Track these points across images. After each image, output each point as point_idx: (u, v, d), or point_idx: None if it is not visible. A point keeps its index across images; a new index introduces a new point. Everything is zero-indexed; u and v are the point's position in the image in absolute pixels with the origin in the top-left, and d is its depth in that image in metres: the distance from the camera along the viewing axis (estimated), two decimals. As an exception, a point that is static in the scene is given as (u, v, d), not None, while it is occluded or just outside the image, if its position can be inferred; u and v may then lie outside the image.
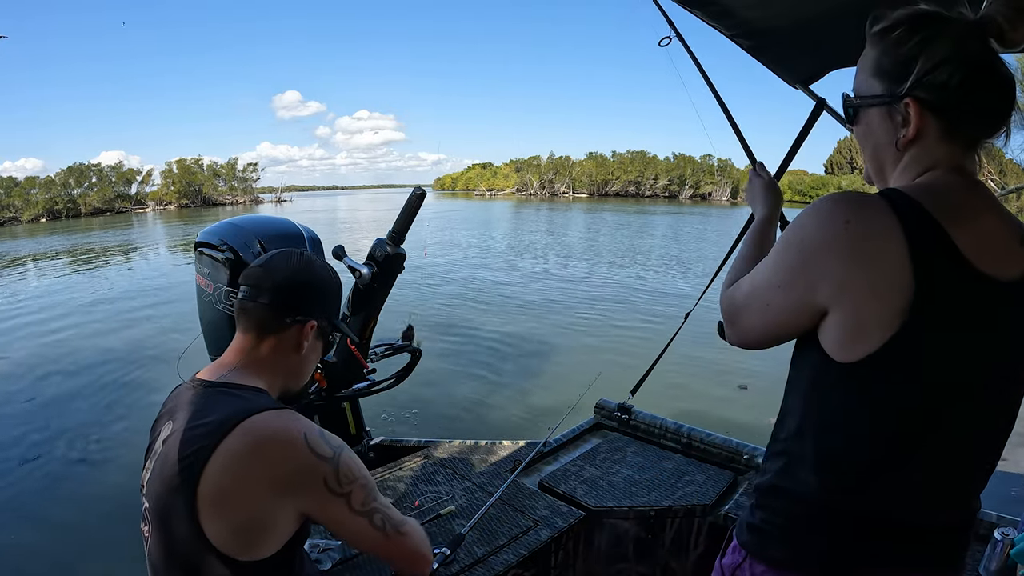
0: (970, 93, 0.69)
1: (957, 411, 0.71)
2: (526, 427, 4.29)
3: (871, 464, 0.73)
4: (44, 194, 49.42)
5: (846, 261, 0.68)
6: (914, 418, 0.71)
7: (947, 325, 0.67)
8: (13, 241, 25.81)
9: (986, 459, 0.78)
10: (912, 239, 0.66)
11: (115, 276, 13.22)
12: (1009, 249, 0.71)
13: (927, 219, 0.67)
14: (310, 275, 1.02)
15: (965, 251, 0.67)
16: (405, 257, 1.61)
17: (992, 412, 0.75)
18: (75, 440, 4.41)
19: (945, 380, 0.70)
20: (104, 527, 3.17)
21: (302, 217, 11.08)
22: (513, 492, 1.68)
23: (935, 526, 0.77)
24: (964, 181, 0.73)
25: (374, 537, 0.97)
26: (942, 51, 0.69)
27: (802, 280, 0.72)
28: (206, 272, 1.89)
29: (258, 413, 0.89)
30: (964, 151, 0.73)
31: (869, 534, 0.75)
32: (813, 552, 0.78)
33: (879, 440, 0.72)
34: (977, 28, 0.70)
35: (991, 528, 1.35)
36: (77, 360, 6.43)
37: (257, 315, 0.97)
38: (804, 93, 1.63)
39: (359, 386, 1.85)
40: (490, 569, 1.36)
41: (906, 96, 0.71)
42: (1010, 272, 0.69)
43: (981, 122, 0.72)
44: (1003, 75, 0.70)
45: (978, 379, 0.71)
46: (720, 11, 1.37)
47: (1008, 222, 0.73)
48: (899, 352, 0.67)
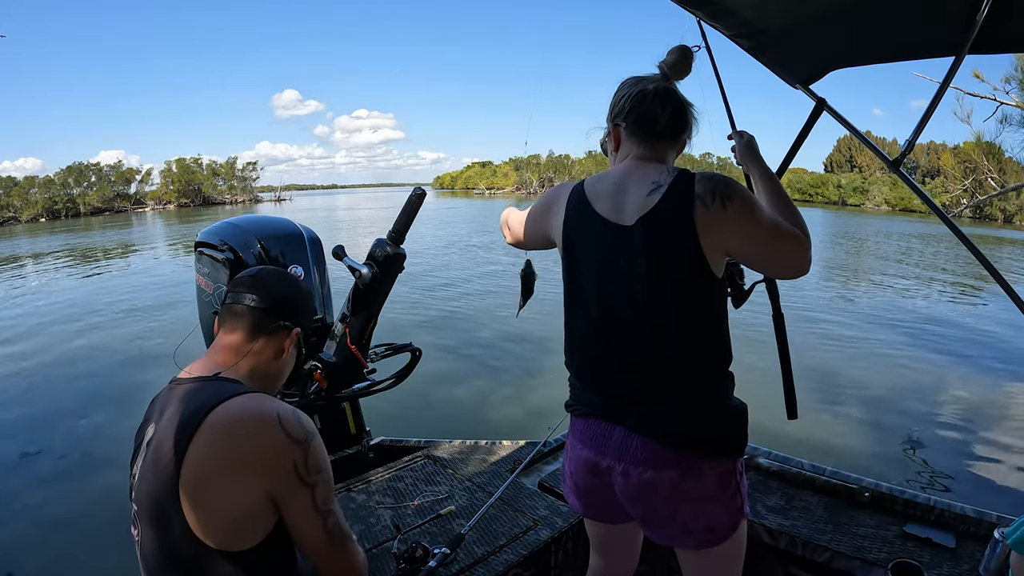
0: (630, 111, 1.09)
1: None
2: (526, 427, 4.29)
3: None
4: (43, 194, 49.45)
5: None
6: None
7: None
8: (12, 240, 25.79)
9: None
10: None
11: (115, 275, 13.20)
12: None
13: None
14: (297, 290, 1.12)
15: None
16: (405, 257, 1.61)
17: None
18: (74, 439, 4.41)
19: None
20: (103, 527, 3.16)
21: (301, 216, 11.06)
22: (513, 492, 1.68)
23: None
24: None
25: (323, 541, 0.97)
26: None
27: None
28: (206, 272, 1.89)
29: (233, 397, 0.92)
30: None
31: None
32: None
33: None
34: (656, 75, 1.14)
35: (991, 528, 1.35)
36: (77, 360, 6.43)
37: (252, 316, 1.03)
38: (804, 93, 1.63)
39: (359, 386, 1.85)
40: (490, 569, 1.36)
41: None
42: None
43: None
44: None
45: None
46: (720, 11, 1.37)
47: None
48: None
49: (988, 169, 9.53)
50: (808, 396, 5.05)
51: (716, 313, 1.04)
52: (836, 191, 56.99)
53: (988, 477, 3.85)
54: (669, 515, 1.03)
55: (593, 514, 1.20)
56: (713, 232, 0.96)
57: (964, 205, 10.25)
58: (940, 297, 10.72)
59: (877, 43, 1.47)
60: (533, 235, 1.25)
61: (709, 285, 1.00)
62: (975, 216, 36.44)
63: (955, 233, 1.50)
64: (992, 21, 1.18)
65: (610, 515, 1.17)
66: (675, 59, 1.13)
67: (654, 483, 1.01)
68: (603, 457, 1.07)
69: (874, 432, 4.49)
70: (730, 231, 0.97)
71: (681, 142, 1.12)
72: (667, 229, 0.98)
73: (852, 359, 6.38)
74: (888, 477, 3.34)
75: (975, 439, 4.42)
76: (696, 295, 1.00)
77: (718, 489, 1.02)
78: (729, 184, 0.99)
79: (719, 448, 1.02)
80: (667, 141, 1.10)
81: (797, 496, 1.70)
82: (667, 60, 1.13)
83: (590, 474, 1.11)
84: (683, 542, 1.06)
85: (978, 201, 10.02)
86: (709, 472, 1.01)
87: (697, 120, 1.12)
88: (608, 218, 1.04)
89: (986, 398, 5.36)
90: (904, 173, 1.58)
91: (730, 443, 1.03)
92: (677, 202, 0.98)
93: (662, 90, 1.08)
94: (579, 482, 1.15)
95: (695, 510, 1.02)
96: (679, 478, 1.00)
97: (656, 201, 0.99)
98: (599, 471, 1.08)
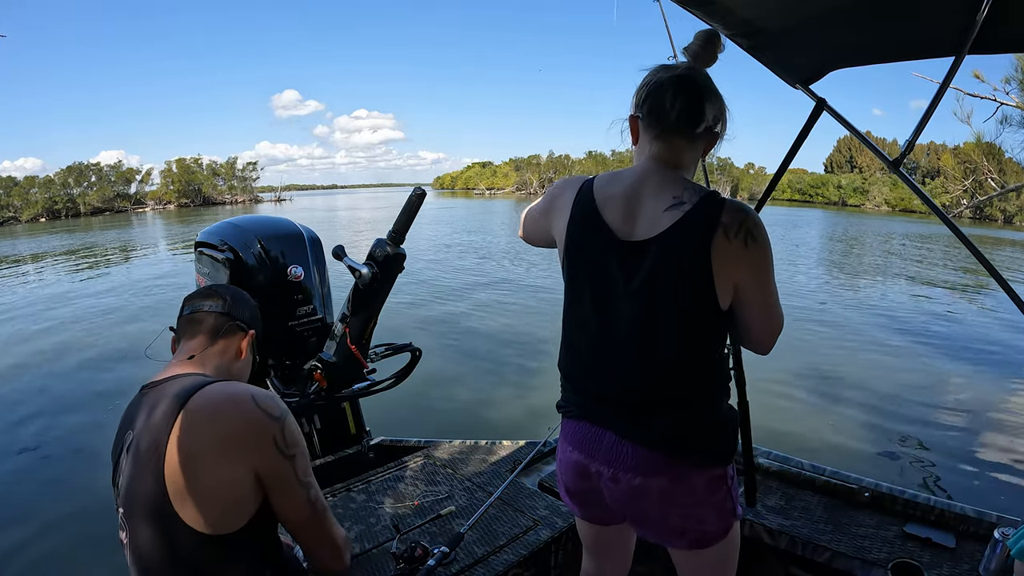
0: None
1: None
2: (526, 427, 4.28)
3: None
4: (43, 194, 49.40)
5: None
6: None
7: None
8: (12, 240, 25.79)
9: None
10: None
11: (115, 275, 13.20)
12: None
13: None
14: (248, 297, 1.22)
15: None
16: (405, 257, 1.61)
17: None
18: (73, 438, 4.41)
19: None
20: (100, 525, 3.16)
21: (301, 216, 11.04)
22: (513, 492, 1.68)
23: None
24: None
25: (307, 512, 1.04)
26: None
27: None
28: (206, 272, 1.89)
29: (205, 386, 0.97)
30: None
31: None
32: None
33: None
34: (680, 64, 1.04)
35: (991, 528, 1.35)
36: (76, 359, 6.43)
37: (212, 321, 1.12)
38: (804, 93, 1.63)
39: (359, 386, 1.85)
40: (490, 569, 1.36)
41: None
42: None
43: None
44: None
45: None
46: (720, 11, 1.37)
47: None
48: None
49: (988, 170, 9.54)
50: (808, 396, 5.04)
51: (716, 337, 1.01)
52: (836, 191, 57.03)
53: (988, 477, 3.85)
54: (660, 518, 1.04)
55: (585, 515, 1.19)
56: (727, 264, 0.93)
57: (964, 206, 10.26)
58: (940, 297, 10.71)
59: (877, 43, 1.47)
60: (535, 232, 1.21)
61: (713, 314, 0.96)
62: (975, 217, 36.44)
63: (955, 233, 1.50)
64: (992, 21, 1.18)
65: (602, 516, 1.16)
66: (699, 45, 1.02)
67: (644, 488, 1.01)
68: (592, 461, 1.05)
69: (874, 432, 4.49)
70: (744, 268, 0.94)
71: (698, 138, 1.01)
72: (681, 253, 0.93)
73: (852, 359, 6.38)
74: (888, 477, 3.35)
75: (975, 439, 4.42)
76: (698, 322, 0.97)
77: (708, 494, 1.02)
78: (759, 226, 0.94)
79: (709, 457, 1.01)
80: (680, 136, 1.00)
81: (797, 496, 1.70)
82: (691, 47, 1.04)
83: (579, 476, 1.10)
84: (676, 542, 1.06)
85: (978, 202, 10.03)
86: (699, 479, 1.01)
87: (724, 113, 1.03)
88: (616, 231, 0.98)
89: (986, 398, 5.35)
90: (904, 173, 1.57)
91: (720, 451, 1.03)
92: (698, 226, 0.92)
93: (676, 78, 0.99)
94: (569, 484, 1.14)
95: (686, 513, 1.02)
96: (669, 484, 1.00)
97: (675, 220, 0.94)
98: (588, 474, 1.07)
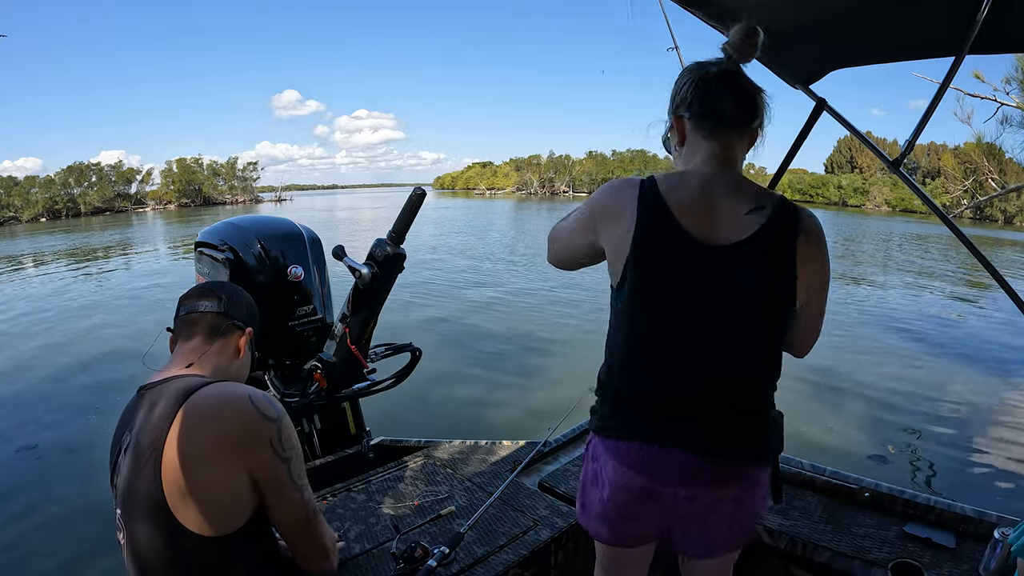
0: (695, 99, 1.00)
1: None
2: (526, 427, 4.28)
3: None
4: (44, 193, 49.37)
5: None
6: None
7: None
8: (13, 240, 25.80)
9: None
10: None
11: (115, 275, 13.21)
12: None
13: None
14: (245, 295, 1.20)
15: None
16: (405, 257, 1.61)
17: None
18: (72, 438, 4.41)
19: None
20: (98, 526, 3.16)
21: (302, 216, 11.05)
22: (513, 492, 1.67)
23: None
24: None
25: (300, 515, 1.04)
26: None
27: None
28: (206, 272, 1.89)
29: (203, 387, 0.97)
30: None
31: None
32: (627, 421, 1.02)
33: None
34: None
35: (991, 528, 1.35)
36: (76, 359, 6.43)
37: (207, 320, 1.11)
38: (804, 93, 1.63)
39: (359, 386, 1.85)
40: (490, 569, 1.36)
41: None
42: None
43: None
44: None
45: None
46: (720, 11, 1.37)
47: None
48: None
49: (988, 170, 9.54)
50: (808, 396, 5.05)
51: (783, 340, 1.03)
52: (836, 192, 56.98)
53: (988, 477, 3.85)
54: (727, 529, 1.04)
55: (617, 540, 1.11)
56: (806, 266, 0.95)
57: (964, 206, 10.26)
58: (940, 297, 10.72)
59: (877, 43, 1.47)
60: (575, 251, 1.10)
61: (789, 316, 0.99)
62: (975, 217, 36.43)
63: (955, 234, 1.50)
64: (992, 21, 1.18)
65: (637, 539, 1.11)
66: (739, 39, 1.00)
67: (718, 501, 1.01)
68: (664, 484, 1.00)
69: (874, 432, 4.49)
70: (817, 270, 0.97)
71: (752, 133, 1.02)
72: (768, 257, 0.93)
73: (852, 359, 6.37)
74: (888, 477, 3.34)
75: (975, 439, 4.42)
76: (778, 325, 0.99)
77: (763, 497, 1.05)
78: (822, 231, 0.98)
79: (769, 458, 1.05)
80: (736, 133, 0.99)
81: (797, 496, 1.70)
82: (731, 41, 1.01)
83: (638, 501, 1.03)
84: (721, 551, 1.08)
85: (978, 202, 10.04)
86: (763, 481, 1.04)
87: (769, 107, 1.02)
88: (696, 235, 0.93)
89: (986, 398, 5.36)
90: (904, 174, 1.58)
91: (775, 451, 1.06)
92: (782, 230, 0.93)
93: (724, 73, 0.99)
94: (622, 509, 1.05)
95: (748, 520, 1.05)
96: (740, 492, 1.02)
97: (760, 224, 0.93)
98: (654, 497, 1.02)
